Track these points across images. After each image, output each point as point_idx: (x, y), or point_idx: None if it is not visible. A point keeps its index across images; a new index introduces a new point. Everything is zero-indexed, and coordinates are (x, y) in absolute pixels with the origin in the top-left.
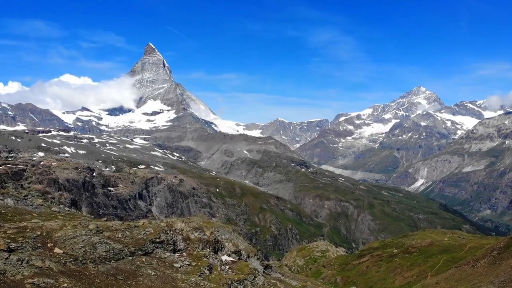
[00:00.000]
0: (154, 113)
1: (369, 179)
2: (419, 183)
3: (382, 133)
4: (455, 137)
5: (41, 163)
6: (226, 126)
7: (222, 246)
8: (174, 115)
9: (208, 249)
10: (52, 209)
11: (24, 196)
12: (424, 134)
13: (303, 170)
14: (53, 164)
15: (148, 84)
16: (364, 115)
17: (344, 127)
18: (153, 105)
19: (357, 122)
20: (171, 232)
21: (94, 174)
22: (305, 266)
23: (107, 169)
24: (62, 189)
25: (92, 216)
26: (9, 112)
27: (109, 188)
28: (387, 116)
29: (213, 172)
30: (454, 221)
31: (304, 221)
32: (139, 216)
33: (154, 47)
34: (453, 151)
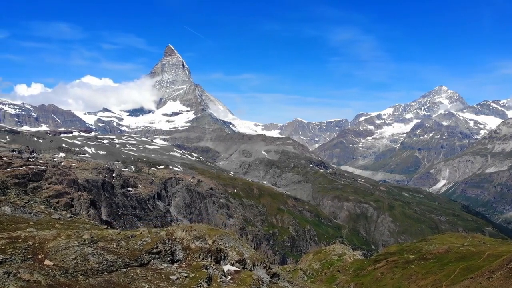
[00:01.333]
0: (174, 113)
1: (389, 180)
2: (441, 184)
3: (403, 133)
4: (478, 137)
5: (62, 163)
6: (244, 126)
7: (225, 255)
8: (193, 116)
9: (209, 259)
10: (52, 216)
11: (26, 202)
12: (446, 134)
13: (321, 170)
14: (73, 164)
15: (168, 85)
16: (384, 115)
17: (364, 127)
18: (172, 106)
19: (378, 122)
20: (170, 241)
21: (114, 175)
22: (321, 270)
23: (127, 169)
24: (82, 189)
25: (96, 223)
26: (32, 113)
27: (128, 189)
28: (408, 116)
29: (231, 173)
30: (477, 223)
31: (322, 222)
32: (158, 216)
33: (173, 48)
34: (475, 152)
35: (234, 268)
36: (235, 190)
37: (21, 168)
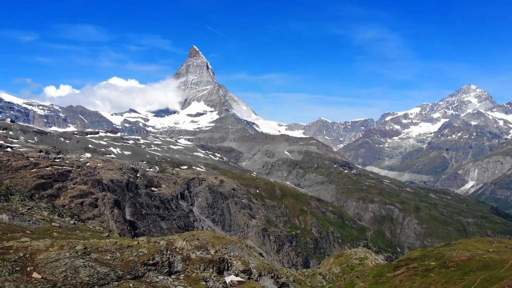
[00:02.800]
0: (198, 114)
1: (416, 181)
2: (469, 185)
3: (431, 133)
4: (508, 137)
5: (87, 164)
6: (268, 126)
7: (229, 265)
8: (217, 116)
9: (210, 270)
10: (52, 223)
11: (28, 209)
12: (474, 134)
13: (346, 171)
14: (98, 165)
15: (192, 86)
16: (411, 114)
17: (391, 127)
18: (197, 106)
19: (404, 121)
20: (168, 252)
21: (138, 175)
22: (341, 275)
23: (151, 169)
24: (106, 189)
25: (102, 228)
26: (61, 114)
27: (152, 189)
28: (435, 115)
29: (254, 173)
30: (506, 226)
31: (346, 224)
32: (181, 216)
33: (198, 49)
34: (505, 152)
35: (238, 278)
36: (258, 191)
37: (47, 168)
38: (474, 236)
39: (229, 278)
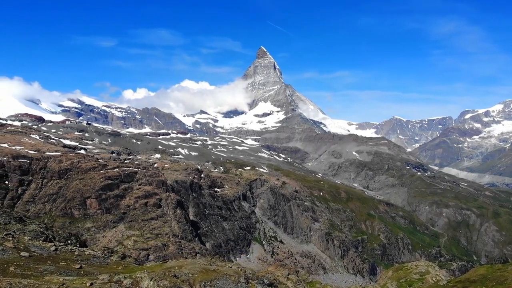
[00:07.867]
0: (265, 114)
1: (498, 183)
2: None
3: None
4: None
5: (155, 164)
6: (336, 125)
7: None
8: (283, 116)
9: None
10: (21, 253)
11: (6, 234)
12: None
13: (419, 173)
14: (166, 165)
15: (260, 87)
16: (493, 111)
17: (470, 125)
18: (263, 106)
19: (486, 119)
20: None
21: (202, 175)
22: None
23: (216, 170)
24: (170, 190)
25: (94, 252)
26: (137, 116)
27: (215, 189)
28: None
29: (319, 174)
30: None
31: (418, 230)
32: (243, 217)
33: (265, 50)
34: None
35: None
36: (321, 193)
37: (115, 170)
38: None
39: None
